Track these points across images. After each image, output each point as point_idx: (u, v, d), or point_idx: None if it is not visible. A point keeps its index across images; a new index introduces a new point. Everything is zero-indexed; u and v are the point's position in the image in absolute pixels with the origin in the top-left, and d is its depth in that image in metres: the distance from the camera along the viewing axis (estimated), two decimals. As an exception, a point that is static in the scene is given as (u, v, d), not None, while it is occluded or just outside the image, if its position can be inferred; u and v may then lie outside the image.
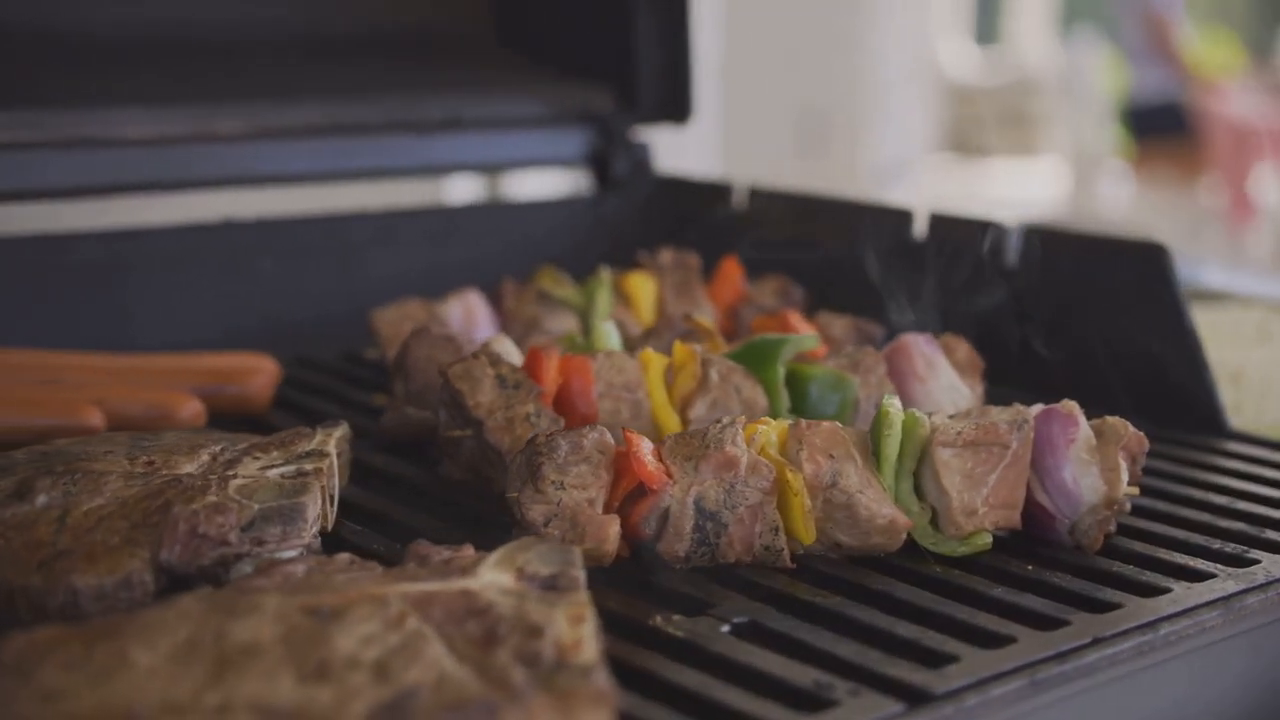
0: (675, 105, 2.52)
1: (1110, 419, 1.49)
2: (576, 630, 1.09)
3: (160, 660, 1.04)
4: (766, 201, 2.38)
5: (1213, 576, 1.40)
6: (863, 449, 1.45)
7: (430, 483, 1.64)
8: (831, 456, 1.42)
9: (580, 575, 1.20)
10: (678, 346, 1.67)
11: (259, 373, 1.85)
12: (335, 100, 2.26)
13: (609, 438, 1.42)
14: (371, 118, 2.29)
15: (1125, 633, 1.28)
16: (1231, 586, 1.38)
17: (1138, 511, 1.58)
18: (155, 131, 2.09)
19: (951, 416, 1.49)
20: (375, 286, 2.19)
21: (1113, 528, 1.50)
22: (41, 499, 1.37)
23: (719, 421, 1.44)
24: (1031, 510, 1.48)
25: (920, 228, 2.16)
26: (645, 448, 1.42)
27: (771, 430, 1.46)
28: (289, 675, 1.02)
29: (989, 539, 1.45)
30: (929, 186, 8.58)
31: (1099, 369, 1.95)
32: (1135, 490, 1.51)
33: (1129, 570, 1.42)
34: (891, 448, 1.44)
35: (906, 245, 2.15)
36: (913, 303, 2.11)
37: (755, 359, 1.68)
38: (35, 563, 1.27)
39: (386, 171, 2.33)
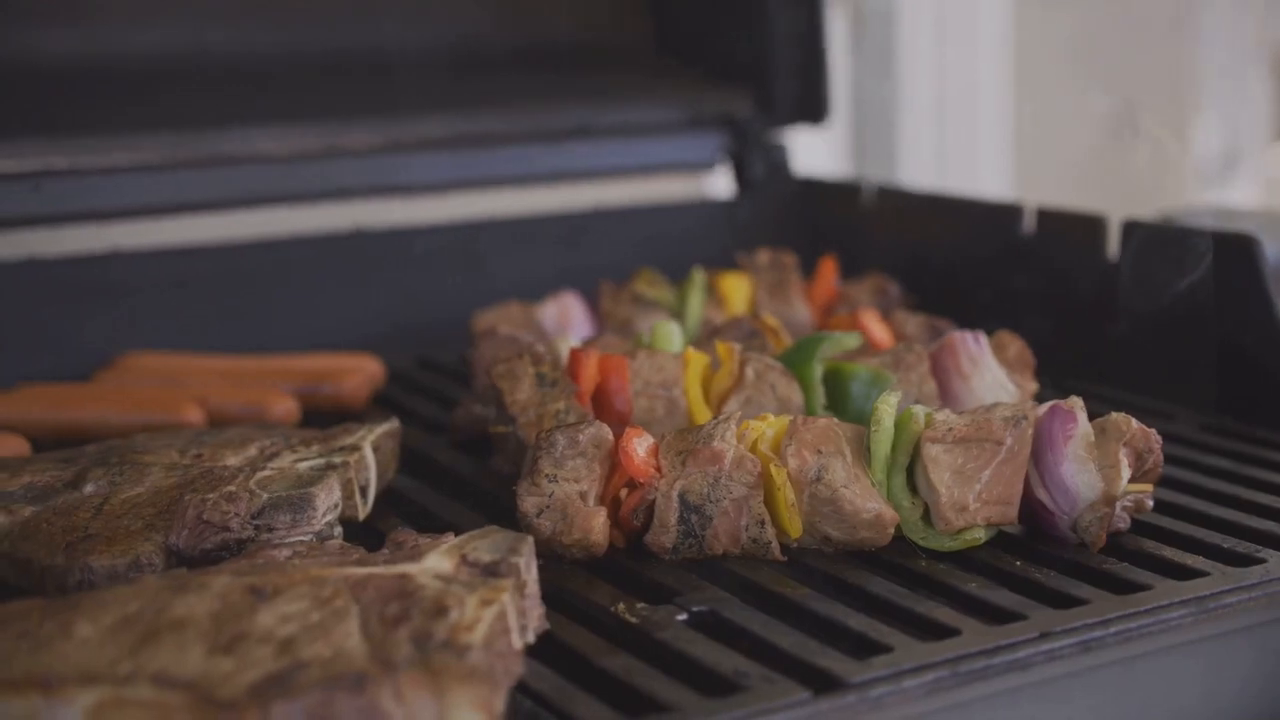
0: (810, 106, 2.55)
1: (1114, 415, 1.48)
2: (479, 612, 1.15)
3: (97, 632, 1.15)
4: (893, 200, 2.39)
5: (1202, 575, 1.38)
6: (857, 445, 1.47)
7: (480, 476, 1.72)
8: (819, 452, 1.45)
9: (520, 563, 1.26)
10: (718, 344, 1.71)
11: (355, 373, 1.97)
12: (466, 113, 2.37)
13: (607, 433, 1.48)
14: (502, 128, 2.40)
15: (1075, 629, 1.27)
16: (1216, 586, 1.35)
17: (1167, 509, 1.55)
18: (289, 147, 2.23)
19: (960, 413, 1.50)
20: (506, 291, 2.29)
21: (1124, 525, 1.48)
22: (89, 487, 1.52)
23: (716, 418, 1.49)
24: (1033, 507, 1.47)
25: (1029, 224, 2.14)
26: (639, 443, 1.47)
27: (769, 427, 1.49)
28: (201, 648, 1.12)
29: (981, 534, 1.45)
30: (1265, 180, 8.15)
31: (1195, 364, 1.91)
32: (1146, 488, 1.49)
33: (1120, 568, 1.41)
34: (880, 444, 1.46)
35: (1013, 241, 2.14)
36: (1014, 299, 2.11)
37: (797, 357, 1.71)
38: (63, 544, 1.41)
39: (518, 179, 2.42)
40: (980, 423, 1.46)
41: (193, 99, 2.23)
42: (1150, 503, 1.51)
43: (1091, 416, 1.68)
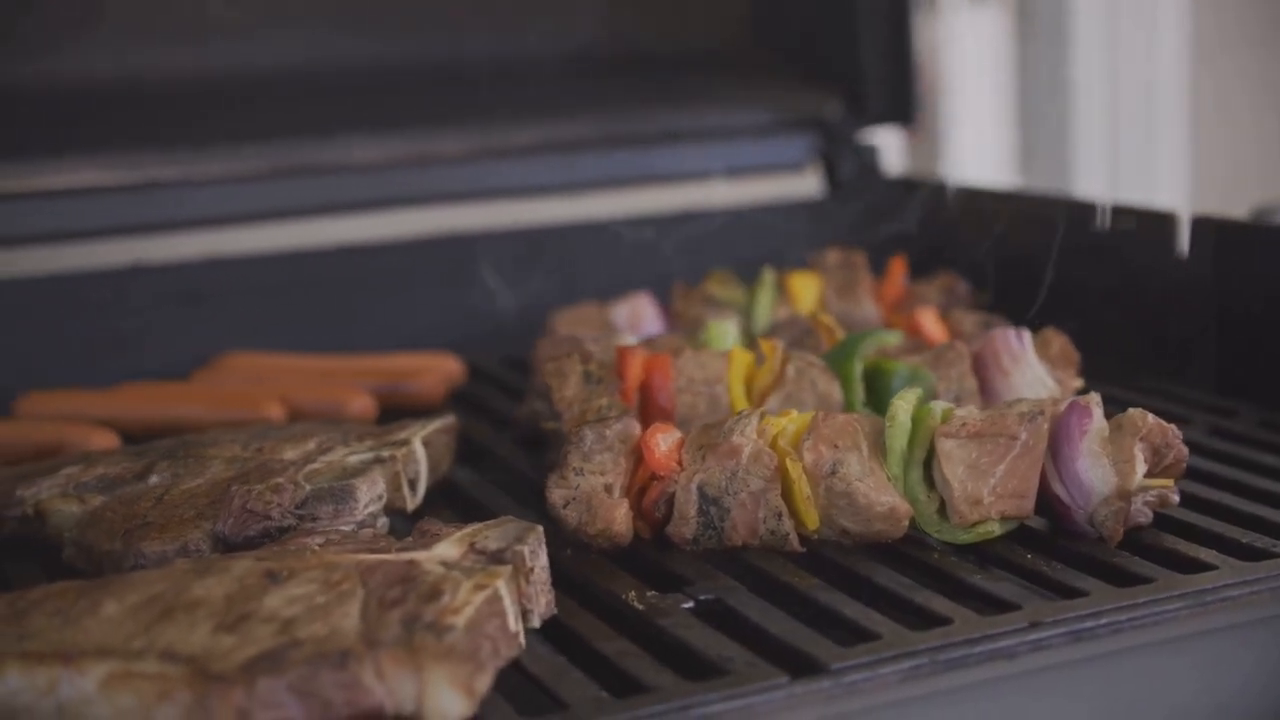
0: (900, 107, 2.57)
1: (1132, 410, 1.49)
2: (470, 596, 1.22)
3: (121, 610, 1.24)
4: (976, 199, 2.40)
5: (1209, 569, 1.38)
6: (875, 440, 1.51)
7: (535, 470, 1.79)
8: (835, 446, 1.49)
9: (525, 551, 1.33)
10: (761, 342, 1.75)
11: (430, 371, 2.05)
12: (557, 119, 2.45)
13: (634, 429, 1.54)
14: (592, 133, 2.46)
15: (1065, 620, 1.29)
16: (1219, 580, 1.35)
17: (1199, 505, 1.56)
18: (383, 156, 2.33)
19: (988, 409, 1.52)
20: (596, 293, 2.35)
21: (1144, 519, 1.49)
22: (154, 478, 1.62)
23: (739, 413, 1.53)
24: (1050, 501, 1.49)
25: (1104, 220, 2.14)
26: (663, 439, 1.53)
27: (791, 422, 1.53)
28: (208, 626, 1.20)
29: (996, 528, 1.47)
30: None
31: (1259, 361, 1.90)
32: (1167, 483, 1.50)
33: (1130, 561, 1.42)
34: (895, 438, 1.49)
35: (1089, 238, 2.14)
36: (1089, 295, 2.11)
37: (839, 355, 1.75)
38: (122, 531, 1.51)
39: (608, 183, 2.49)
40: (995, 418, 1.48)
41: (290, 111, 2.33)
42: (1175, 498, 1.52)
43: (1162, 415, 1.69)
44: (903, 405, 1.50)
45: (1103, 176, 3.87)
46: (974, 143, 4.14)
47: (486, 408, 2.06)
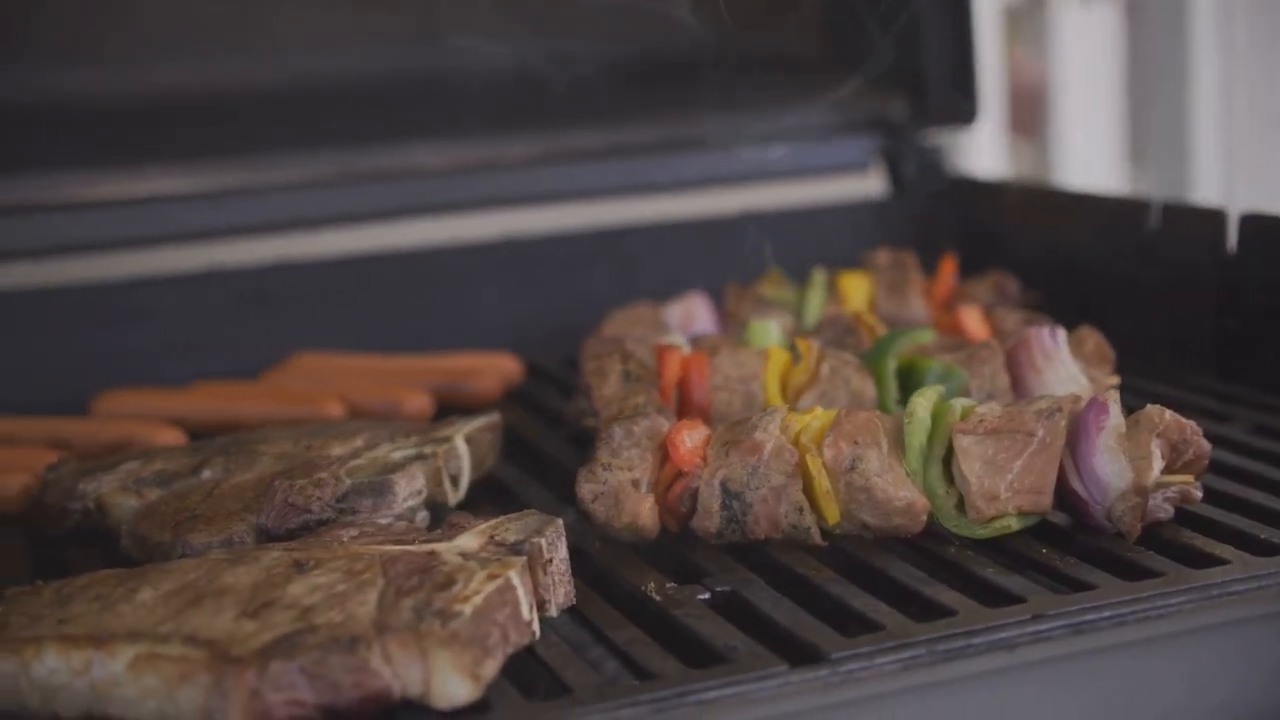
0: (963, 108, 2.59)
1: (1150, 407, 1.50)
2: (481, 585, 1.27)
3: (155, 597, 1.31)
4: (1035, 198, 2.42)
5: (1221, 564, 1.39)
6: (895, 437, 1.54)
7: (578, 466, 1.83)
8: (855, 443, 1.52)
9: (542, 542, 1.37)
10: (798, 340, 1.79)
11: (488, 371, 2.11)
12: (617, 124, 2.49)
13: (662, 425, 1.58)
14: (655, 137, 2.51)
15: (1068, 613, 1.31)
16: (1228, 575, 1.36)
17: (1225, 501, 1.57)
18: (447, 161, 2.40)
19: (1008, 405, 1.55)
20: (657, 294, 2.39)
21: (1164, 515, 1.51)
22: (206, 473, 1.69)
23: (764, 411, 1.57)
24: (1069, 497, 1.51)
25: (1155, 219, 2.14)
26: (689, 435, 1.57)
27: (815, 419, 1.57)
28: (233, 612, 1.26)
29: (1013, 523, 1.50)
30: None
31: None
32: (1188, 478, 1.51)
33: (1144, 556, 1.43)
34: (914, 435, 1.52)
35: (1140, 236, 2.15)
36: (1140, 293, 2.12)
37: (874, 353, 1.78)
38: (172, 523, 1.58)
39: (671, 186, 2.53)
40: (1013, 415, 1.50)
41: (358, 119, 2.40)
42: (1198, 493, 1.53)
43: (1198, 412, 1.71)
44: (921, 402, 1.53)
45: (1219, 178, 3.80)
46: (1085, 144, 4.12)
47: (542, 406, 2.12)
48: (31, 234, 2.28)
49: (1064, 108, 4.12)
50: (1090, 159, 4.13)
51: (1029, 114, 4.36)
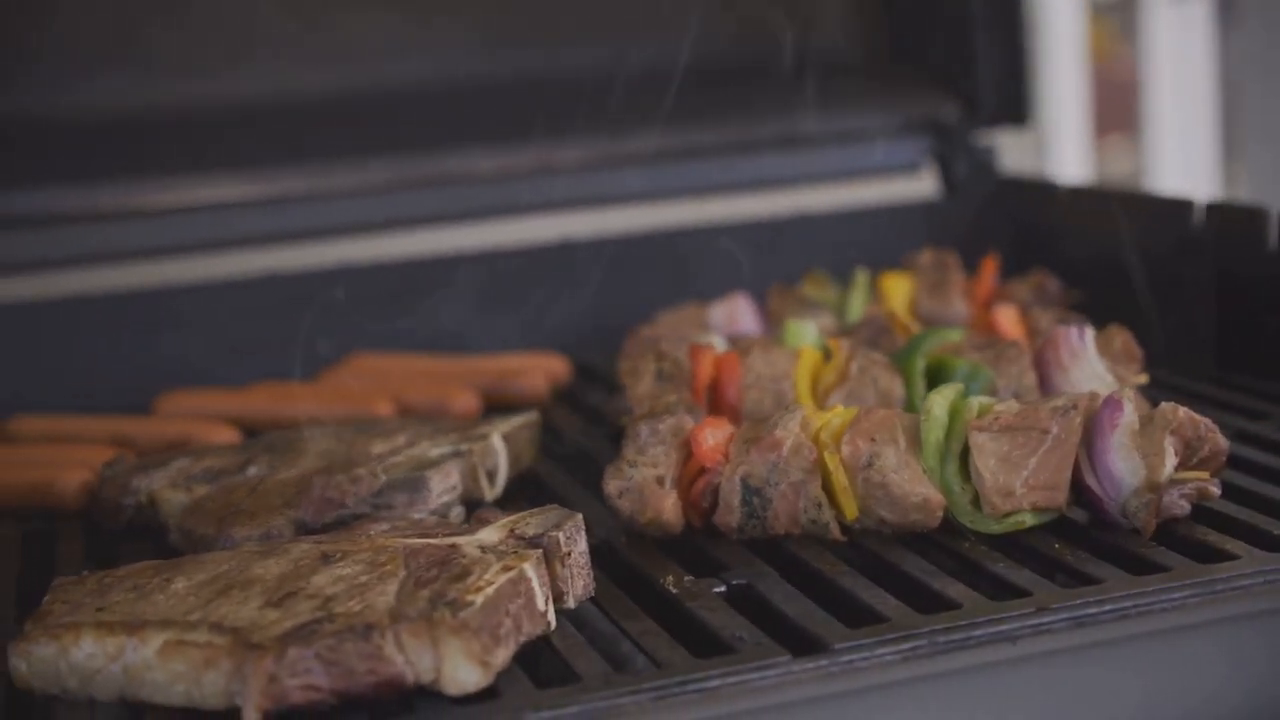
0: (1015, 109, 2.60)
1: (1164, 404, 1.52)
2: (495, 577, 1.32)
3: (188, 587, 1.37)
4: (1082, 198, 2.43)
5: (1230, 559, 1.41)
6: (913, 434, 1.57)
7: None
8: (873, 439, 1.55)
9: (560, 536, 1.42)
10: (829, 340, 1.82)
11: (535, 370, 2.16)
12: (672, 127, 2.52)
13: (687, 423, 1.62)
14: (709, 141, 2.55)
15: (1071, 606, 1.33)
16: (1235, 570, 1.38)
17: (1246, 498, 1.58)
18: (503, 166, 2.45)
19: (1025, 402, 1.57)
20: (714, 295, 2.43)
21: (1180, 511, 1.52)
22: (252, 470, 1.75)
23: (785, 409, 1.61)
24: (1084, 493, 1.53)
25: (1199, 217, 2.15)
26: (712, 433, 1.61)
27: (836, 417, 1.60)
28: (258, 602, 1.32)
29: (1028, 519, 1.52)
30: None
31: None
32: (1204, 475, 1.52)
33: (1156, 552, 1.45)
34: (930, 431, 1.55)
35: (1185, 235, 2.16)
36: (1185, 292, 2.13)
37: (903, 352, 1.81)
38: (217, 518, 1.65)
39: (726, 188, 2.57)
40: (1028, 412, 1.53)
41: (415, 125, 2.47)
42: (1216, 490, 1.54)
43: (1234, 409, 1.72)
44: (938, 400, 1.56)
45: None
46: (1180, 145, 4.09)
47: (587, 405, 2.16)
48: (102, 241, 2.36)
49: (1157, 108, 4.09)
50: (1186, 160, 4.09)
51: (1121, 113, 4.34)
